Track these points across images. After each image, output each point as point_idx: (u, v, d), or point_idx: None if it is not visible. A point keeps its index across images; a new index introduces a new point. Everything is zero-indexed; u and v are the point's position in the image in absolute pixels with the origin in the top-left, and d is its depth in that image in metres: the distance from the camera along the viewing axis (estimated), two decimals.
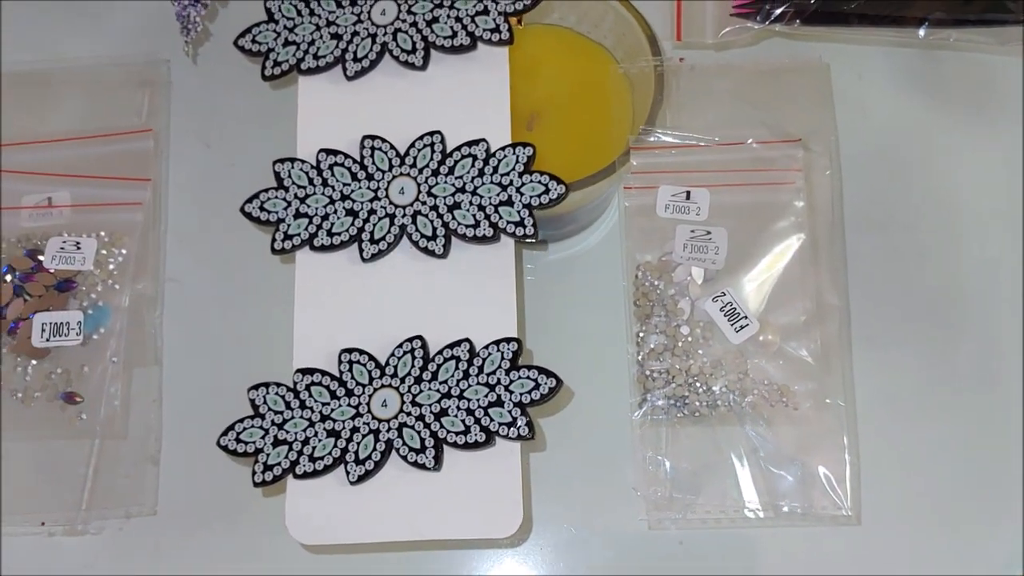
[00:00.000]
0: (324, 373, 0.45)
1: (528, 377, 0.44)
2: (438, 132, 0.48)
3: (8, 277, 0.52)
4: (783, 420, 0.49)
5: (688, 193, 0.51)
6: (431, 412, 0.44)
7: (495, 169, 0.47)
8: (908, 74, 0.59)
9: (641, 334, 0.50)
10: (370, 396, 0.44)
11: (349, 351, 0.45)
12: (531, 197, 0.46)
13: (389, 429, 0.44)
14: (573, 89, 0.56)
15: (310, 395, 0.45)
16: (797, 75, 0.55)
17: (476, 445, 0.43)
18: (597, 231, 0.57)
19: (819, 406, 0.49)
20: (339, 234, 0.47)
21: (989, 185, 0.56)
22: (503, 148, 0.47)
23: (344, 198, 0.47)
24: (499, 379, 0.44)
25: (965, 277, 0.55)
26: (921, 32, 0.55)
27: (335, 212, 0.47)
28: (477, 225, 0.46)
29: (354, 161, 0.48)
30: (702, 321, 0.50)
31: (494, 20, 0.49)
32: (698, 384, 0.49)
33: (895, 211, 0.56)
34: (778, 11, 0.55)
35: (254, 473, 0.44)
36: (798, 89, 0.54)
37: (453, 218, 0.46)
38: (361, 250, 0.46)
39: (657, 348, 0.49)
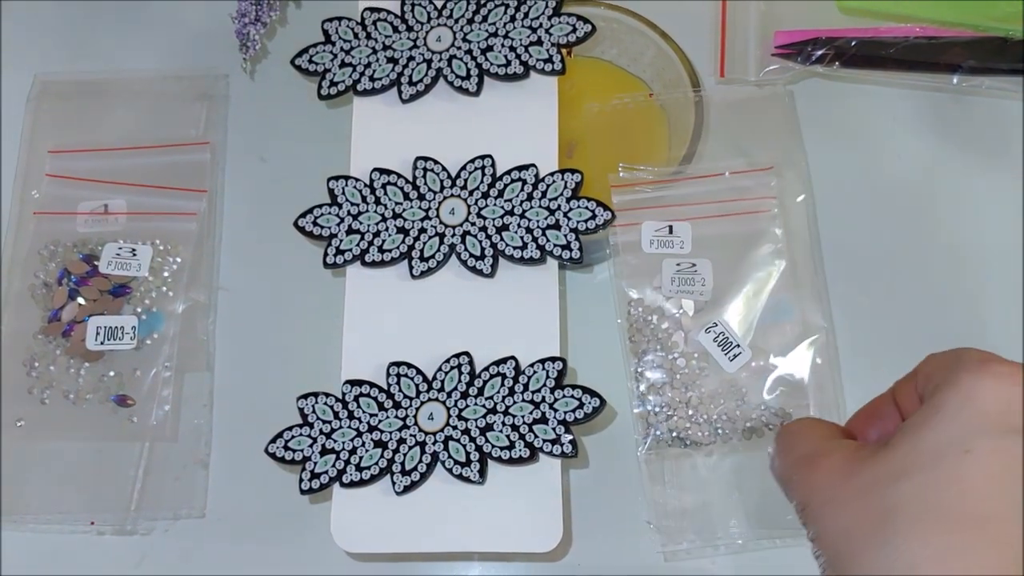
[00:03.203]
0: (372, 385, 0.46)
1: (572, 396, 0.45)
2: (489, 156, 0.49)
3: (63, 280, 0.53)
4: None
5: (671, 227, 0.52)
6: (477, 427, 0.45)
7: (544, 194, 0.48)
8: (940, 118, 0.60)
9: (639, 369, 0.51)
10: (417, 409, 0.46)
11: (397, 364, 0.46)
12: (578, 222, 0.48)
13: (435, 442, 0.45)
14: (611, 120, 0.58)
15: (358, 406, 0.46)
16: (764, 104, 0.57)
17: (520, 460, 0.44)
18: None
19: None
20: (390, 251, 0.48)
21: (1014, 227, 0.58)
22: (552, 174, 0.49)
23: (396, 216, 0.49)
24: (544, 397, 0.45)
25: (986, 324, 0.56)
26: (954, 79, 0.57)
27: (387, 229, 0.48)
28: (525, 247, 0.47)
29: (406, 181, 0.49)
30: (697, 352, 0.50)
31: (547, 51, 0.51)
32: (699, 415, 0.50)
33: (921, 248, 0.57)
34: (818, 53, 0.57)
35: (301, 480, 0.45)
36: (766, 118, 0.56)
37: (501, 239, 0.48)
38: (411, 267, 0.48)
39: (656, 383, 0.50)
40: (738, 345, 0.50)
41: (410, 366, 0.46)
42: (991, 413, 0.35)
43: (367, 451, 0.45)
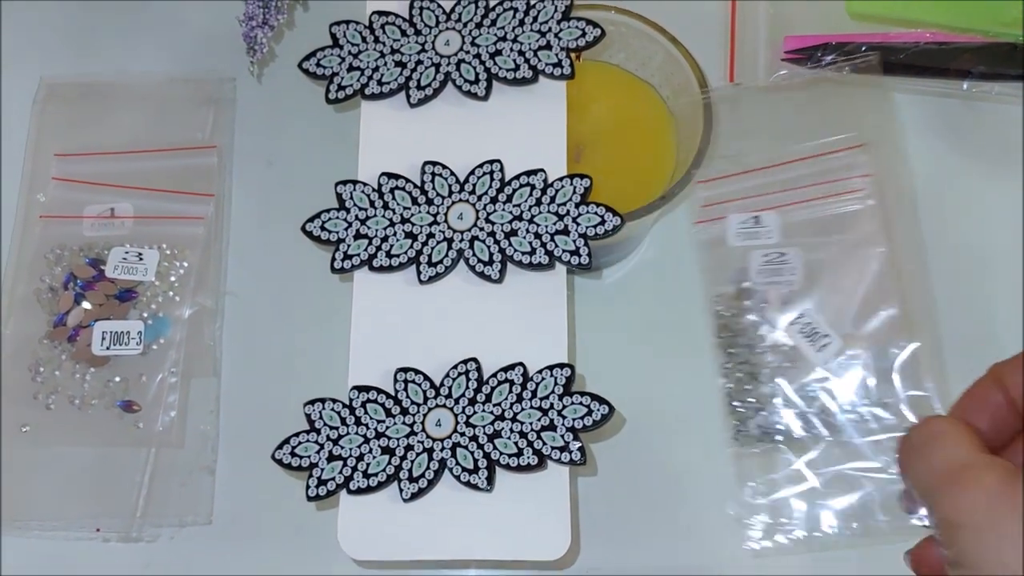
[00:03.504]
0: (380, 391, 0.46)
1: (581, 403, 0.45)
2: (497, 161, 0.49)
3: (69, 285, 0.53)
4: (880, 433, 0.49)
5: (757, 217, 0.51)
6: (484, 433, 0.45)
7: (552, 199, 0.48)
8: (950, 124, 0.60)
9: (728, 365, 0.50)
10: (424, 415, 0.45)
11: (404, 370, 0.46)
12: (587, 227, 0.47)
13: (443, 448, 0.45)
14: (619, 124, 0.57)
15: (365, 412, 0.46)
16: (840, 86, 0.56)
17: (528, 468, 0.44)
18: (634, 259, 0.58)
19: (918, 414, 0.49)
20: (398, 256, 0.48)
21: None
22: (560, 179, 0.48)
23: (404, 221, 0.48)
24: (552, 404, 0.45)
25: (995, 329, 0.55)
26: (965, 85, 0.57)
27: (395, 234, 0.48)
28: (533, 252, 0.47)
29: (415, 186, 0.49)
30: (785, 345, 0.50)
31: (556, 55, 0.50)
32: (789, 409, 0.49)
33: (930, 253, 0.57)
34: (828, 58, 0.56)
35: (308, 487, 0.44)
36: (853, 94, 0.55)
37: (510, 244, 0.47)
38: (419, 272, 0.48)
39: (744, 378, 0.50)
40: (827, 335, 0.49)
41: (417, 372, 0.46)
42: None
43: (374, 458, 0.45)
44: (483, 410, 0.45)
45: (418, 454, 0.45)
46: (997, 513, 0.34)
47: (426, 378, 0.46)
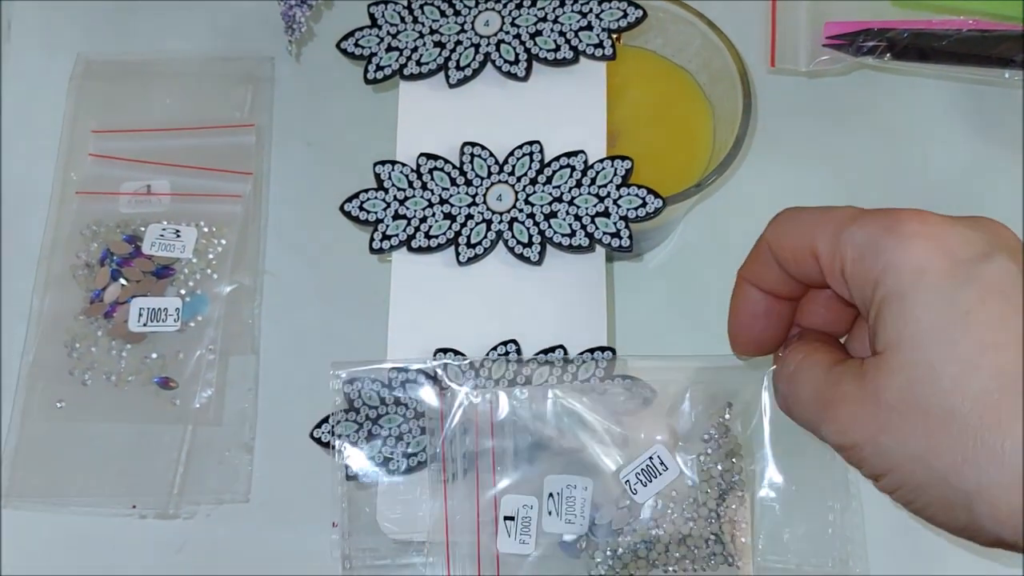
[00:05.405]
0: (419, 371, 0.46)
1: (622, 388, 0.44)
2: (537, 142, 0.49)
3: (106, 261, 0.53)
4: None
5: None
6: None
7: (592, 180, 0.48)
8: (990, 112, 0.60)
9: None
10: (466, 395, 0.45)
11: (444, 351, 0.46)
12: (628, 210, 0.47)
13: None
14: (654, 111, 0.57)
15: (404, 391, 0.46)
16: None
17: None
18: (669, 245, 0.58)
19: None
20: (436, 237, 0.48)
21: None
22: (601, 160, 0.48)
23: (443, 202, 0.48)
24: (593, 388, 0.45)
25: None
26: (1007, 73, 0.56)
27: (433, 215, 0.48)
28: (573, 235, 0.47)
29: (454, 167, 0.49)
30: None
31: (598, 36, 0.50)
32: None
33: None
34: (869, 44, 0.56)
35: (347, 468, 0.44)
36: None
37: (549, 226, 0.47)
38: (458, 253, 0.47)
39: None
40: None
41: (457, 353, 0.46)
42: (947, 267, 0.35)
43: (414, 437, 0.45)
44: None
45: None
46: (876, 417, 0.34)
47: (465, 359, 0.46)
